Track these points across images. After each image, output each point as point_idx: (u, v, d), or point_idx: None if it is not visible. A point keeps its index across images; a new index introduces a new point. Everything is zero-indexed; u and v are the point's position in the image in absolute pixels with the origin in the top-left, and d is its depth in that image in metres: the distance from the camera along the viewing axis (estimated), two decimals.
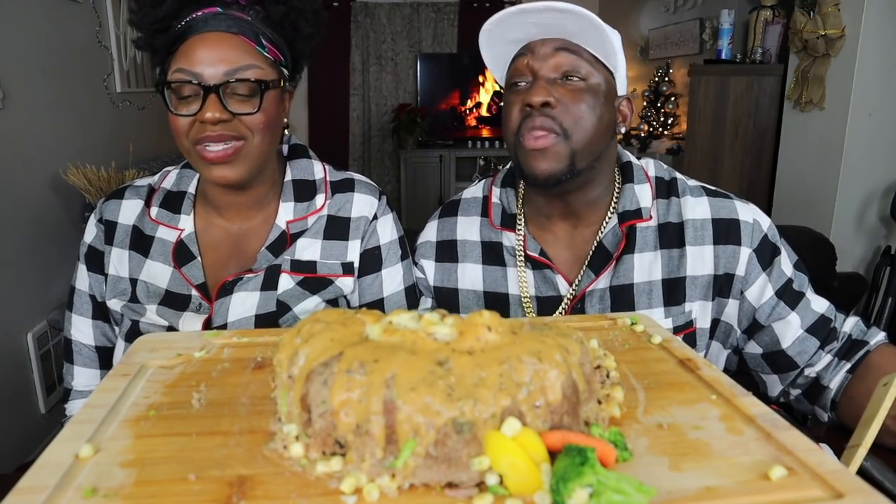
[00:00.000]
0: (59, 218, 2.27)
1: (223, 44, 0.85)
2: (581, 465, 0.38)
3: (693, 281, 0.94)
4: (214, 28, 0.85)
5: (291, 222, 0.98)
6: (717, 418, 0.51)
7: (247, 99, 0.86)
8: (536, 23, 0.87)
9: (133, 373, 0.58)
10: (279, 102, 0.92)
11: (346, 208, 1.00)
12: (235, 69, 0.84)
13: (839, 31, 2.43)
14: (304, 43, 0.96)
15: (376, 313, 0.53)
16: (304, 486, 0.42)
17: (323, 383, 0.44)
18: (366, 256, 1.00)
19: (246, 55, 0.86)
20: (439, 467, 0.41)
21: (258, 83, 0.85)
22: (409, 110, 5.12)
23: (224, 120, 0.84)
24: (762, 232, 0.94)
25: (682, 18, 4.04)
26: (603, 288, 0.95)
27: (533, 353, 0.45)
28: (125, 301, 0.95)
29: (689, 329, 0.94)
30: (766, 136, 2.97)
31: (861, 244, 2.59)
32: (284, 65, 0.93)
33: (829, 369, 0.92)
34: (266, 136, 0.89)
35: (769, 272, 0.93)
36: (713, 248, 0.93)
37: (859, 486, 0.41)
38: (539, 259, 0.97)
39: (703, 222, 0.94)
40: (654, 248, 0.95)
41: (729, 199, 0.96)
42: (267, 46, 0.89)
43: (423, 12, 5.29)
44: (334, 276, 0.97)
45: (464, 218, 1.06)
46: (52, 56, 2.30)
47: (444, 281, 1.04)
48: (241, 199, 0.97)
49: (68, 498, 0.40)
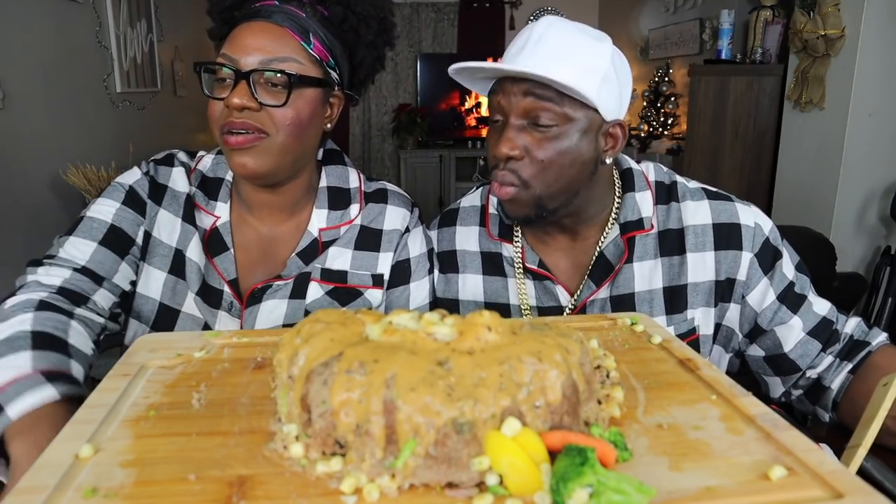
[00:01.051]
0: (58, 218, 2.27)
1: (266, 33, 0.84)
2: (581, 465, 0.38)
3: (695, 288, 0.93)
4: (263, 19, 0.85)
5: (324, 230, 0.95)
6: (717, 418, 0.51)
7: (278, 91, 0.84)
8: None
9: (133, 373, 0.58)
10: (318, 104, 0.88)
11: (379, 220, 0.99)
12: (271, 59, 0.83)
13: (839, 31, 2.43)
14: (365, 50, 0.94)
15: (376, 313, 0.53)
16: (304, 486, 0.42)
17: (323, 383, 0.44)
18: (396, 269, 0.99)
19: (286, 48, 0.84)
20: (439, 467, 0.41)
21: (290, 76, 0.83)
22: (409, 110, 5.13)
23: (250, 108, 0.82)
24: (763, 236, 0.93)
25: (682, 18, 4.04)
26: (604, 298, 0.94)
27: (533, 353, 0.45)
28: (166, 272, 0.91)
29: (692, 336, 0.93)
30: (766, 136, 2.97)
31: (861, 244, 2.59)
32: (334, 67, 0.90)
33: (830, 370, 0.92)
34: (292, 134, 0.85)
35: (770, 276, 0.92)
36: (714, 253, 0.92)
37: (859, 486, 0.41)
38: (538, 271, 0.96)
39: (703, 228, 0.93)
40: (654, 257, 0.94)
41: (730, 201, 0.95)
42: (314, 44, 0.87)
43: (423, 12, 5.30)
44: (364, 286, 0.96)
45: (462, 228, 1.04)
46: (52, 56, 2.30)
47: (445, 291, 1.03)
48: (272, 199, 0.94)
49: (68, 498, 0.40)
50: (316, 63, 0.87)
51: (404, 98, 5.40)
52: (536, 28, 0.86)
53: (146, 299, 0.91)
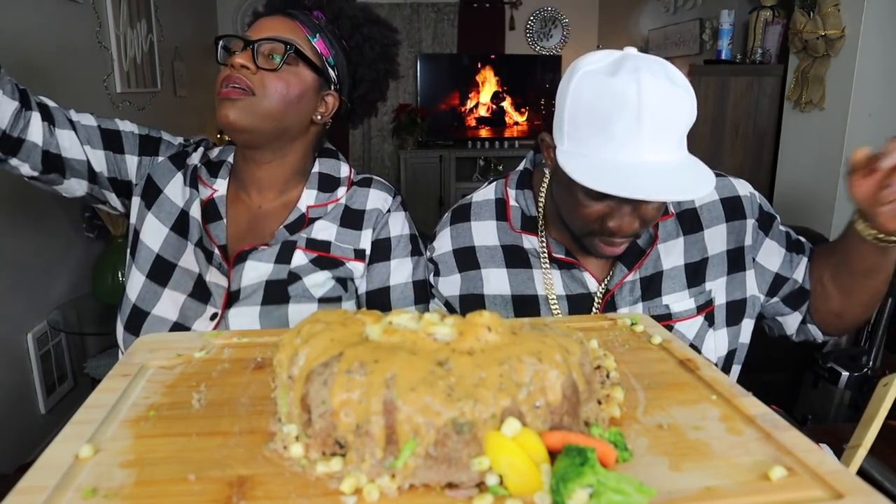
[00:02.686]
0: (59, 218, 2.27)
1: (278, 21, 0.97)
2: (581, 465, 0.38)
3: (714, 260, 0.99)
4: (281, 13, 0.99)
5: (312, 207, 1.03)
6: (717, 418, 0.51)
7: (275, 62, 0.94)
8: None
9: (133, 373, 0.58)
10: (309, 87, 0.98)
11: (362, 202, 1.05)
12: (276, 35, 0.95)
13: (839, 31, 2.43)
14: (366, 69, 1.06)
15: (376, 313, 0.53)
16: (304, 486, 0.42)
17: (323, 383, 0.44)
18: (376, 246, 1.04)
19: (292, 33, 0.96)
20: (439, 467, 0.41)
21: (286, 45, 0.93)
22: (409, 110, 5.12)
23: (248, 68, 0.92)
24: (758, 203, 1.03)
25: (682, 19, 4.04)
26: (633, 280, 0.98)
27: (533, 353, 0.45)
28: (168, 228, 1.00)
29: (709, 308, 0.99)
30: (766, 136, 2.97)
31: None
32: (333, 66, 1.01)
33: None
34: (277, 101, 0.94)
35: (772, 236, 1.02)
36: (725, 225, 1.00)
37: (859, 486, 0.41)
38: (566, 259, 0.98)
39: (713, 203, 1.01)
40: (676, 236, 1.00)
41: (725, 177, 1.03)
42: (318, 39, 0.99)
43: (423, 12, 5.29)
44: (346, 258, 1.01)
45: (478, 223, 1.04)
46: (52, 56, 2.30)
47: (468, 289, 1.02)
48: (262, 176, 1.03)
49: (68, 498, 0.40)
50: (316, 54, 0.99)
51: (404, 98, 5.39)
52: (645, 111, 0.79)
53: (144, 246, 1.00)
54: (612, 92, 0.78)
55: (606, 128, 0.79)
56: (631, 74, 0.78)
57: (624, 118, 0.77)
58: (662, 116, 0.78)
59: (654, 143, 0.78)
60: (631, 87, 0.77)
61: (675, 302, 0.97)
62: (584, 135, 0.81)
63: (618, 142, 0.78)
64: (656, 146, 0.79)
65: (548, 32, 5.45)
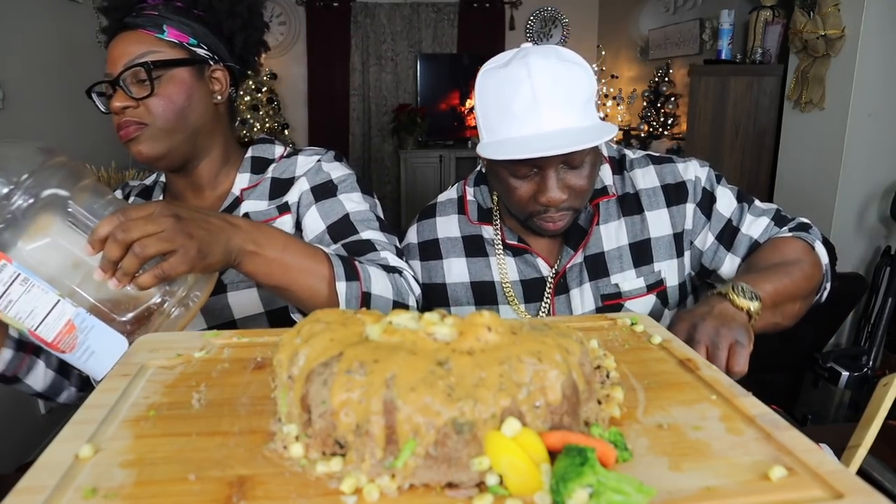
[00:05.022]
0: None
1: (124, 42, 0.93)
2: (581, 465, 0.38)
3: (657, 242, 1.03)
4: (122, 30, 0.94)
5: (245, 189, 1.03)
6: (717, 418, 0.51)
7: (146, 84, 0.92)
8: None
9: (133, 373, 0.58)
10: (191, 82, 0.95)
11: (291, 170, 1.04)
12: (132, 60, 0.91)
13: (839, 31, 2.43)
14: (230, 21, 1.00)
15: (376, 313, 0.53)
16: (304, 486, 0.42)
17: (323, 383, 0.44)
18: (317, 190, 1.01)
19: (143, 45, 0.92)
20: (439, 467, 0.41)
21: (145, 66, 0.90)
22: (409, 110, 5.12)
23: (130, 106, 0.91)
24: (702, 185, 1.05)
25: (682, 19, 4.04)
26: (580, 262, 1.03)
27: (533, 353, 0.45)
28: None
29: (660, 287, 1.04)
30: (766, 136, 2.96)
31: (861, 244, 2.59)
32: (197, 45, 0.97)
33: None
34: (170, 115, 0.93)
35: (710, 218, 1.04)
36: (667, 210, 1.04)
37: (859, 486, 0.41)
38: (519, 246, 1.05)
39: (654, 189, 1.05)
40: (617, 218, 1.04)
41: (671, 162, 1.06)
42: (168, 31, 0.94)
43: (423, 12, 5.29)
44: (269, 220, 0.99)
45: (442, 218, 1.12)
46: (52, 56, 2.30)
47: (430, 278, 1.09)
48: (191, 181, 1.03)
49: (68, 498, 0.40)
50: (175, 47, 0.94)
51: (404, 98, 5.39)
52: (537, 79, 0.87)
53: None
54: (508, 78, 0.88)
55: (508, 110, 0.88)
56: (521, 60, 0.88)
57: (520, 96, 0.86)
58: (555, 88, 0.86)
59: (553, 113, 0.86)
60: (522, 70, 0.87)
61: (623, 281, 1.02)
62: (493, 123, 0.91)
63: (520, 119, 0.87)
64: (556, 117, 0.86)
65: (548, 32, 5.45)
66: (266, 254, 0.76)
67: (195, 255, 0.68)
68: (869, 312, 2.41)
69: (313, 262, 0.81)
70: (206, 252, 0.69)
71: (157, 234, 0.66)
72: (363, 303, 0.83)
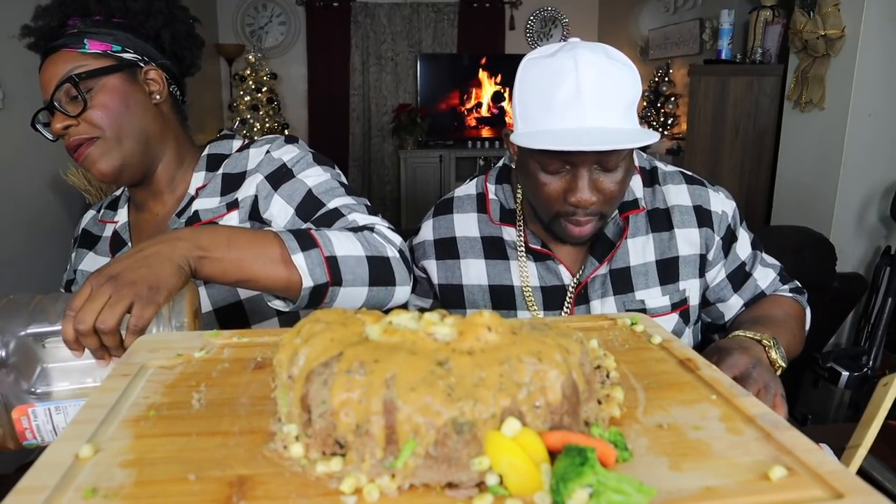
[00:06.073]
0: (58, 218, 2.27)
1: (50, 65, 0.93)
2: (581, 465, 0.38)
3: (685, 260, 1.02)
4: (48, 54, 0.94)
5: (200, 188, 1.02)
6: (717, 418, 0.51)
7: (78, 100, 0.92)
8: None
9: (133, 373, 0.58)
10: (124, 87, 0.95)
11: (242, 164, 1.03)
12: (60, 80, 0.91)
13: (839, 31, 2.43)
14: (149, 20, 0.98)
15: (376, 313, 0.53)
16: (304, 486, 0.42)
17: (323, 383, 0.44)
18: (272, 177, 0.99)
19: (67, 63, 0.92)
20: (439, 467, 0.41)
21: (71, 81, 0.90)
22: (409, 110, 5.12)
23: (71, 125, 0.92)
24: (727, 222, 1.04)
25: (682, 18, 4.04)
26: (604, 273, 1.00)
27: (533, 353, 0.45)
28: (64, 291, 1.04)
29: (683, 306, 1.03)
30: (766, 136, 2.96)
31: (861, 244, 2.59)
32: (122, 50, 0.96)
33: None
34: (112, 123, 0.93)
35: (727, 256, 1.05)
36: (697, 230, 1.02)
37: (859, 486, 0.41)
38: (542, 251, 1.01)
39: (686, 208, 1.03)
40: (645, 233, 1.02)
41: (704, 186, 1.05)
42: (88, 43, 0.93)
43: (423, 12, 5.29)
44: (217, 217, 0.99)
45: (460, 215, 1.08)
46: None
47: (448, 278, 1.06)
48: (150, 189, 1.03)
49: (68, 498, 0.40)
50: (100, 57, 0.94)
51: (404, 98, 5.39)
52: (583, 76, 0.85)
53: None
54: (553, 68, 0.85)
55: (549, 101, 0.85)
56: (568, 52, 0.86)
57: (564, 88, 0.84)
58: (601, 85, 0.84)
59: (595, 111, 0.83)
60: (568, 61, 0.84)
61: (649, 298, 1.01)
62: (532, 113, 0.88)
63: (560, 111, 0.84)
64: (598, 115, 0.84)
65: (548, 32, 5.46)
66: (213, 254, 0.75)
67: (149, 294, 0.68)
68: (869, 312, 2.41)
69: (263, 247, 0.78)
70: (157, 284, 0.69)
71: (106, 303, 0.66)
72: (331, 268, 0.80)
